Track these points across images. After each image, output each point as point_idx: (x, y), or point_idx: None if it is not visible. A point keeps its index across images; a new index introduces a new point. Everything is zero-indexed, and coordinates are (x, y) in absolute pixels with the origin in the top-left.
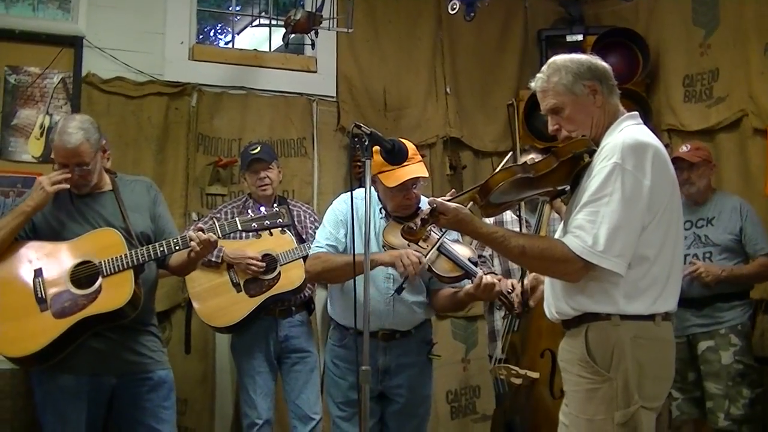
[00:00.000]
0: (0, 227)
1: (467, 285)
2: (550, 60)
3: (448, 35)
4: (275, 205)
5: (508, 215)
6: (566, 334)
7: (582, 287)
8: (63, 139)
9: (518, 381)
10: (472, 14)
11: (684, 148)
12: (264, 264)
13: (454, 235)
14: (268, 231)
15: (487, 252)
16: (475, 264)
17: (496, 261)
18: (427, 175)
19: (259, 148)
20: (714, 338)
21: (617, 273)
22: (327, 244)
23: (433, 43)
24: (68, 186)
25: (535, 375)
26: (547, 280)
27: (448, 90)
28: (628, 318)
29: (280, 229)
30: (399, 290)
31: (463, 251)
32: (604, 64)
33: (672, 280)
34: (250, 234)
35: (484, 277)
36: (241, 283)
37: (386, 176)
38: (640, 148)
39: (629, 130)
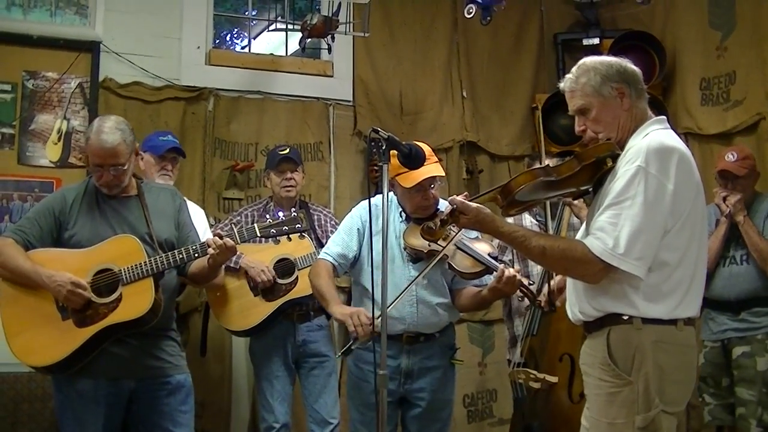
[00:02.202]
0: (12, 268)
1: (489, 282)
2: (580, 61)
3: (464, 39)
4: (294, 210)
5: (527, 220)
6: (588, 336)
7: (604, 288)
8: (101, 139)
9: (537, 385)
10: (489, 18)
11: (730, 157)
12: (271, 278)
13: (474, 233)
14: (286, 236)
15: (507, 257)
16: (495, 258)
17: (516, 266)
18: (443, 174)
19: (288, 149)
20: (750, 344)
21: (637, 276)
22: (336, 253)
23: (449, 47)
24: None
25: (553, 379)
26: (569, 282)
27: (464, 94)
28: (649, 322)
29: (298, 234)
30: (346, 352)
31: (482, 247)
32: (634, 67)
33: (695, 286)
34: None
35: (506, 270)
36: (259, 287)
37: (403, 178)
38: (665, 152)
39: (655, 134)
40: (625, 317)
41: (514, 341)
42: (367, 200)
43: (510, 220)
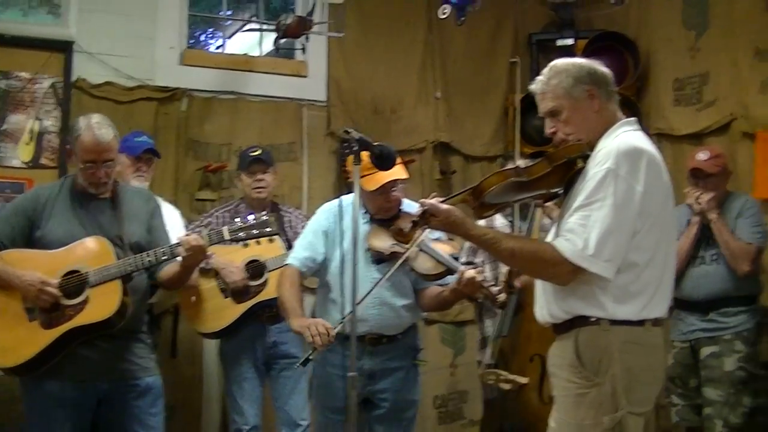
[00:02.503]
0: None
1: (451, 283)
2: (551, 63)
3: (438, 39)
4: (263, 213)
5: (498, 221)
6: (556, 338)
7: (573, 290)
8: (98, 134)
9: (507, 386)
10: (463, 19)
11: (702, 156)
12: (244, 280)
13: (436, 233)
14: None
15: (479, 259)
16: (457, 260)
17: (487, 267)
18: (406, 176)
19: (260, 150)
20: (718, 344)
21: (606, 277)
22: (303, 256)
23: (423, 48)
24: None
25: (524, 380)
26: (538, 284)
27: (438, 94)
28: (617, 323)
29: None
30: (304, 363)
31: (444, 248)
32: (605, 69)
33: (663, 287)
34: None
35: (466, 271)
36: (229, 289)
37: (366, 180)
38: (635, 154)
39: (625, 136)
40: (593, 319)
41: (484, 342)
42: (332, 202)
43: (483, 221)
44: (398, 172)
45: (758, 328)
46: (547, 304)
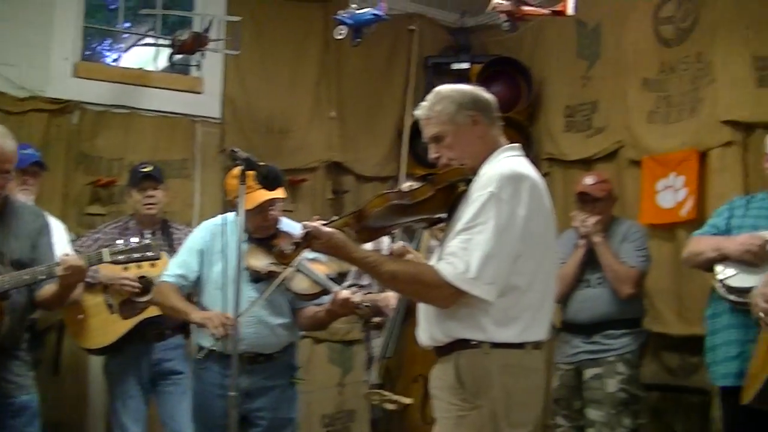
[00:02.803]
0: None
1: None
2: (435, 89)
3: (334, 59)
4: (150, 233)
5: (386, 243)
6: (438, 361)
7: (454, 314)
8: (2, 143)
9: (392, 407)
10: (359, 40)
11: (589, 181)
12: (140, 285)
13: (312, 254)
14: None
15: (365, 281)
16: (334, 280)
17: (375, 289)
18: (284, 196)
19: (151, 167)
20: (601, 366)
21: (487, 300)
22: (176, 274)
23: (319, 67)
24: None
25: (407, 401)
26: (420, 307)
27: (332, 114)
28: (498, 346)
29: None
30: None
31: (320, 268)
32: (488, 95)
33: (544, 310)
34: None
35: (340, 292)
36: (116, 305)
37: (246, 198)
38: (517, 179)
39: (507, 161)
40: (474, 342)
41: (371, 362)
42: (211, 220)
43: (370, 245)
44: (276, 191)
45: (640, 350)
46: (428, 327)
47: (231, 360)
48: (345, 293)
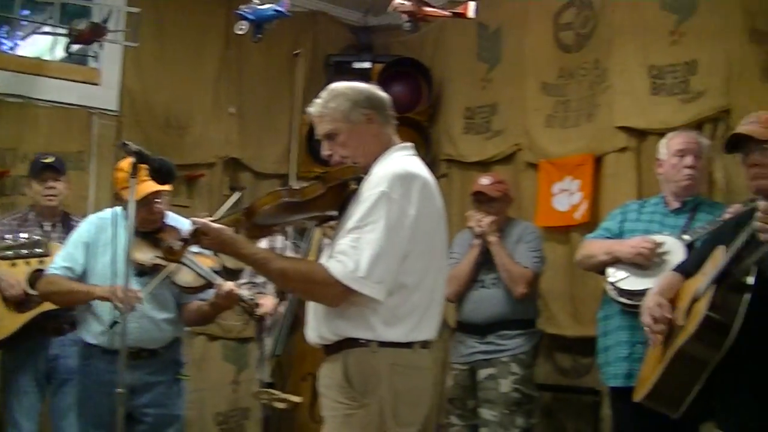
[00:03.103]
0: None
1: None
2: (330, 86)
3: (236, 55)
4: (50, 225)
5: (280, 240)
6: (326, 359)
7: (342, 312)
8: None
9: (282, 405)
10: (260, 36)
11: (485, 181)
12: (21, 291)
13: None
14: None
15: (260, 279)
16: (218, 273)
17: (269, 287)
18: (169, 189)
19: (53, 158)
20: (495, 366)
21: (377, 299)
22: (62, 266)
23: (220, 62)
24: None
25: (297, 399)
26: (309, 305)
27: (232, 110)
28: (386, 345)
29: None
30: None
31: (205, 261)
32: (383, 94)
33: (432, 310)
34: None
35: (224, 284)
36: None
37: (129, 191)
38: (408, 179)
39: (400, 161)
40: (363, 341)
41: (263, 360)
42: (98, 213)
43: (263, 243)
44: (163, 184)
45: (534, 351)
46: (317, 325)
47: (115, 356)
48: (229, 285)
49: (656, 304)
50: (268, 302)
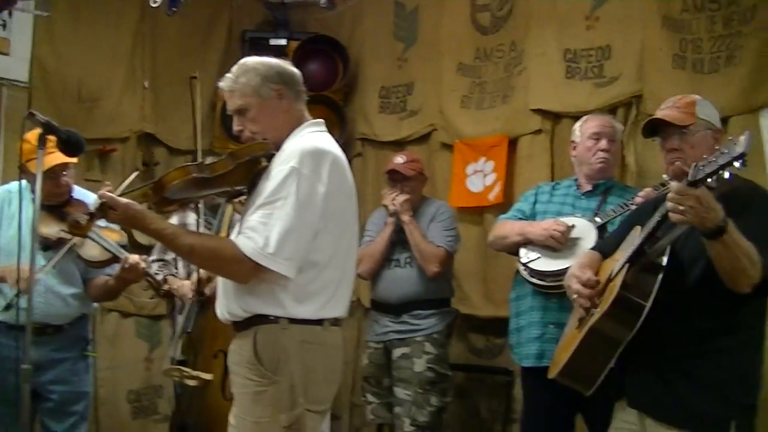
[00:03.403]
0: None
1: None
2: (241, 61)
3: (151, 28)
4: None
5: (192, 217)
6: (236, 336)
7: (252, 289)
8: None
9: (193, 383)
10: (174, 9)
11: (399, 160)
12: None
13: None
14: None
15: (170, 256)
16: (124, 248)
17: (180, 264)
18: (75, 161)
19: None
20: (409, 345)
21: (286, 276)
22: None
23: (135, 36)
24: None
25: (207, 377)
26: (219, 281)
27: (146, 84)
28: (296, 322)
29: None
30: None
31: (111, 235)
32: (294, 69)
33: (343, 287)
34: None
35: (129, 257)
36: None
37: (34, 163)
38: (319, 155)
39: (310, 137)
40: (272, 317)
41: (174, 337)
42: (4, 186)
43: (175, 219)
44: (70, 156)
45: (448, 330)
46: (227, 301)
47: (21, 332)
48: (134, 258)
49: (580, 270)
50: (185, 286)
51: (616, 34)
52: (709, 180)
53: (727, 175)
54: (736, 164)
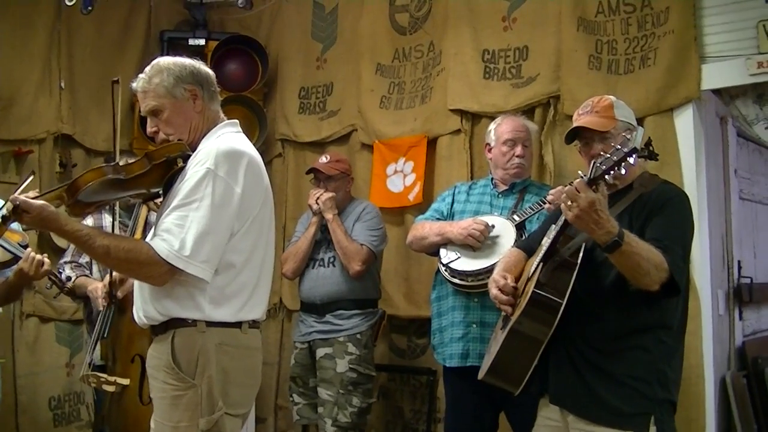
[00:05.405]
0: None
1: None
2: (154, 61)
3: (66, 27)
4: None
5: (107, 219)
6: (154, 340)
7: (169, 292)
8: None
9: (111, 388)
10: (90, 8)
11: (323, 159)
12: None
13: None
14: None
15: (85, 259)
16: (25, 248)
17: (95, 268)
18: None
19: None
20: (332, 346)
21: (203, 279)
22: None
23: (49, 35)
24: None
25: (125, 381)
26: (136, 284)
27: (62, 85)
28: (214, 324)
29: None
30: None
31: (12, 237)
32: (208, 69)
33: (260, 289)
34: None
35: (32, 254)
36: None
37: None
38: (234, 156)
39: (226, 138)
40: (190, 321)
41: (93, 342)
42: None
43: (90, 220)
44: None
45: (372, 331)
46: (143, 305)
47: None
48: (37, 257)
49: (500, 275)
50: (99, 288)
51: (533, 36)
52: (606, 177)
53: (623, 171)
54: (630, 159)
